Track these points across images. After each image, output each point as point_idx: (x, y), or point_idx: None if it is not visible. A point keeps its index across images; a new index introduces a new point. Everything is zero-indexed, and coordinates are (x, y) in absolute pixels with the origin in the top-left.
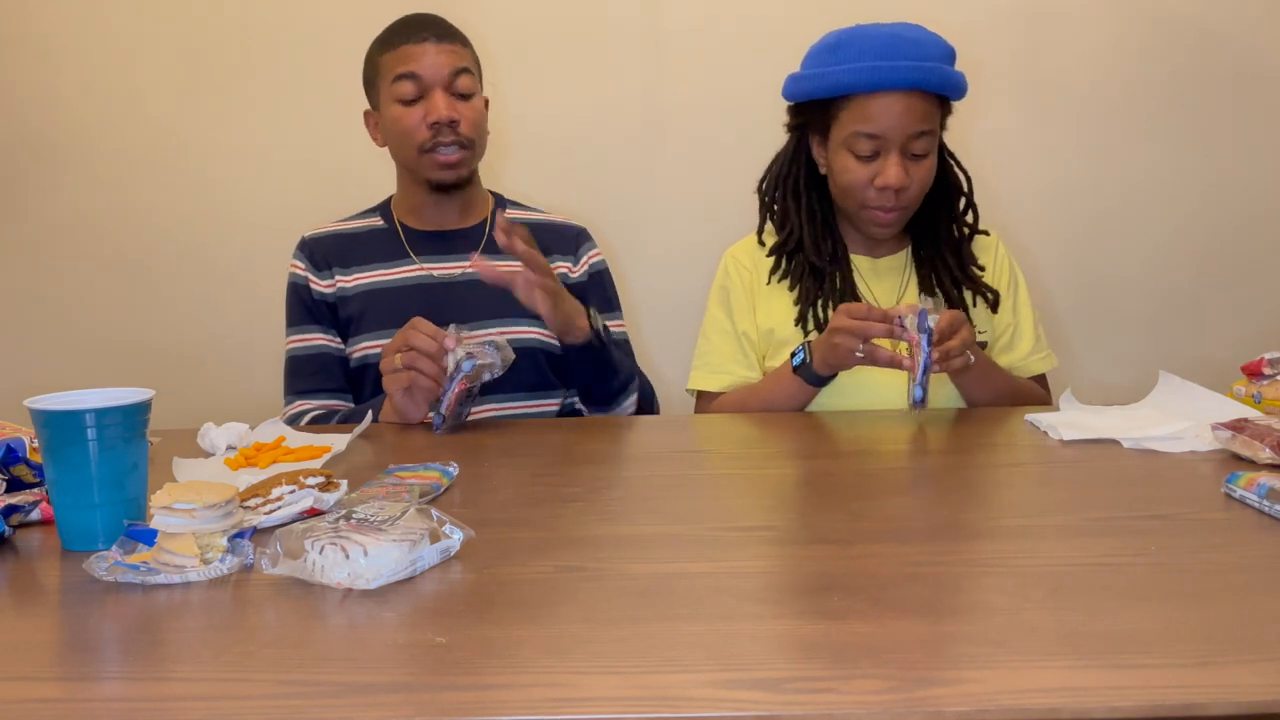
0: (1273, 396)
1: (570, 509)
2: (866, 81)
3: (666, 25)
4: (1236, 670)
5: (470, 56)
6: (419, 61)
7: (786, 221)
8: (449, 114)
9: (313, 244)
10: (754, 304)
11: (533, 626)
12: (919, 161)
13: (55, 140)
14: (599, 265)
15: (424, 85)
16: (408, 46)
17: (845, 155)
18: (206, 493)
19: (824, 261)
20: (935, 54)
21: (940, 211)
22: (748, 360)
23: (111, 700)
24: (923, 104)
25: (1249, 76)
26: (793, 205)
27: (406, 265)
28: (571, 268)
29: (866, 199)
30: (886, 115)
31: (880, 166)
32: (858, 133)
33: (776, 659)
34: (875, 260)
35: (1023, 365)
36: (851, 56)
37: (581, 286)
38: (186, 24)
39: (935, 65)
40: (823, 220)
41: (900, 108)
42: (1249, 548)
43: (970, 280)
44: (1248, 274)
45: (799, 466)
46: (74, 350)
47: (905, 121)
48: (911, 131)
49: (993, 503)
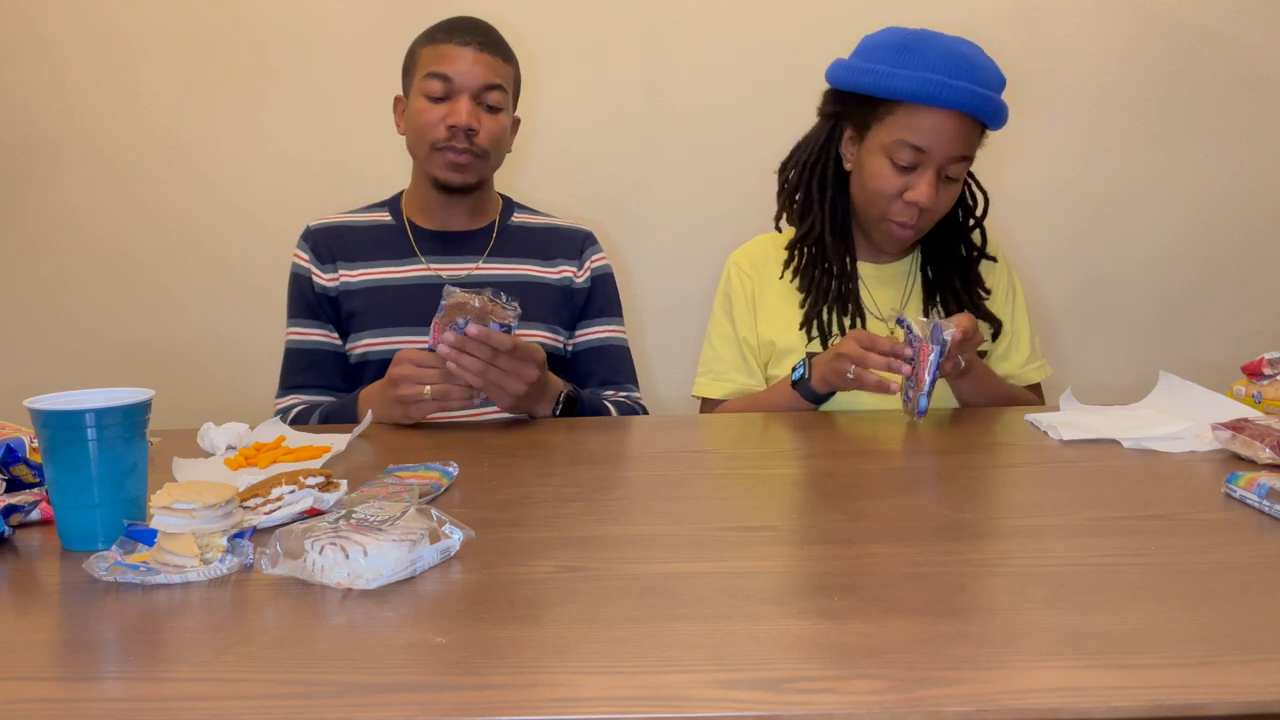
0: (1273, 396)
1: (570, 509)
2: (930, 94)
3: (669, 29)
4: (1236, 670)
5: (509, 74)
6: (453, 64)
7: (808, 214)
8: (469, 121)
9: (317, 234)
10: (755, 312)
11: (533, 626)
12: (949, 185)
13: (56, 140)
14: (602, 270)
15: (453, 88)
16: (449, 46)
17: (882, 160)
18: (206, 493)
19: (838, 259)
20: (994, 82)
21: (953, 231)
22: (749, 368)
23: (111, 700)
24: (971, 129)
25: (1250, 78)
26: (817, 197)
27: (413, 264)
28: (576, 272)
29: (890, 210)
30: (938, 133)
31: (914, 180)
32: (903, 141)
33: (776, 659)
34: (879, 267)
35: (1019, 374)
36: (919, 64)
37: (584, 291)
38: (187, 24)
39: (992, 95)
40: (841, 219)
41: (952, 128)
42: (1249, 548)
43: (975, 306)
44: (1248, 275)
45: (799, 466)
46: (74, 350)
47: (952, 143)
48: (955, 154)
49: (993, 503)
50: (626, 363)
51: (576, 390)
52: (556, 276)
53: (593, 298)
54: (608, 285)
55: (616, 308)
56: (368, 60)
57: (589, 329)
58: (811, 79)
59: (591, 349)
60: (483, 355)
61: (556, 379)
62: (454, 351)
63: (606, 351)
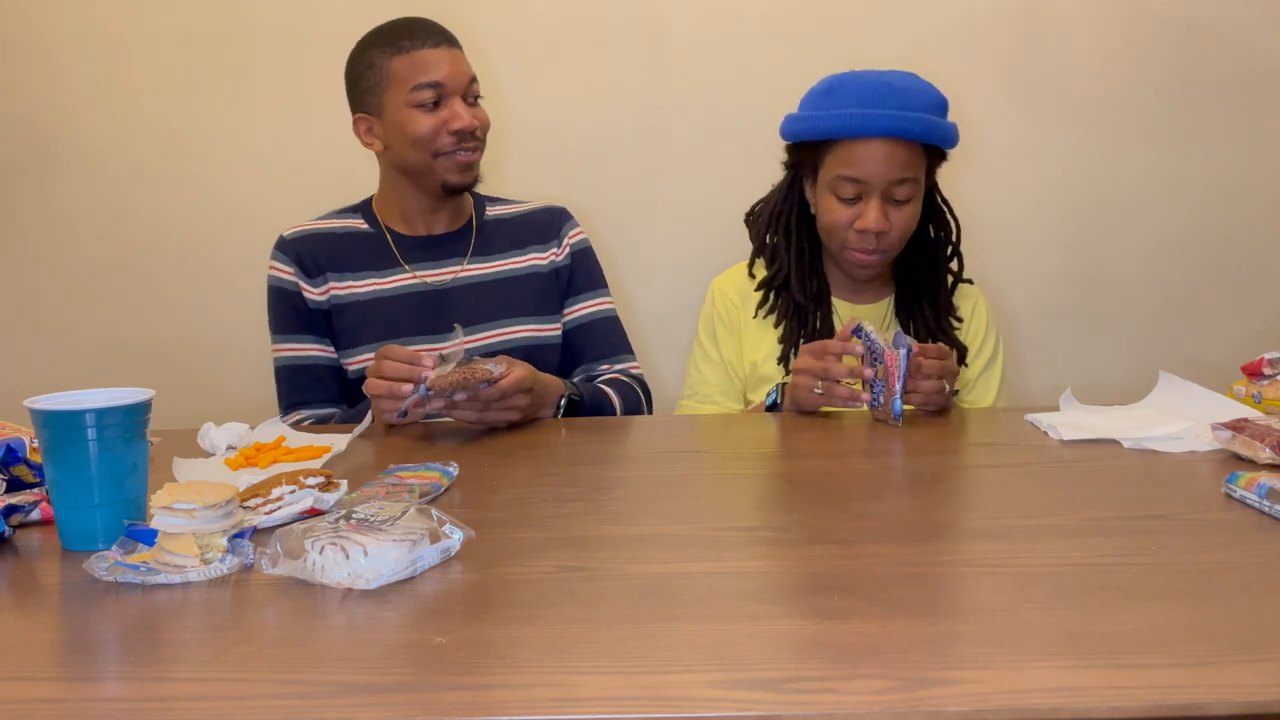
0: (1273, 396)
1: (570, 509)
2: (850, 127)
3: (667, 25)
4: (1236, 670)
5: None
6: (439, 70)
7: (776, 258)
8: (472, 123)
9: (298, 245)
10: (739, 338)
11: (533, 626)
12: (900, 207)
13: (55, 141)
14: (581, 244)
15: (444, 92)
16: (425, 52)
17: (829, 197)
18: (206, 493)
19: (807, 300)
20: (923, 103)
21: (925, 258)
22: (733, 390)
23: (111, 700)
24: (906, 152)
25: (1248, 77)
26: (783, 242)
27: (398, 274)
28: (556, 252)
29: (847, 240)
30: (868, 161)
31: (861, 210)
32: (840, 176)
33: (776, 659)
34: (855, 307)
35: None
36: (839, 102)
37: (566, 269)
38: (185, 25)
39: (920, 115)
40: (810, 259)
41: (882, 154)
42: (1249, 548)
43: (944, 332)
44: (1247, 274)
45: (799, 466)
46: (74, 350)
47: (886, 168)
48: (893, 178)
49: (993, 503)
50: (618, 333)
51: (577, 390)
52: (543, 262)
53: (575, 274)
54: (588, 258)
55: (600, 279)
56: None
57: (576, 306)
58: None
59: (582, 326)
60: (475, 409)
61: (556, 381)
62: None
63: (597, 326)
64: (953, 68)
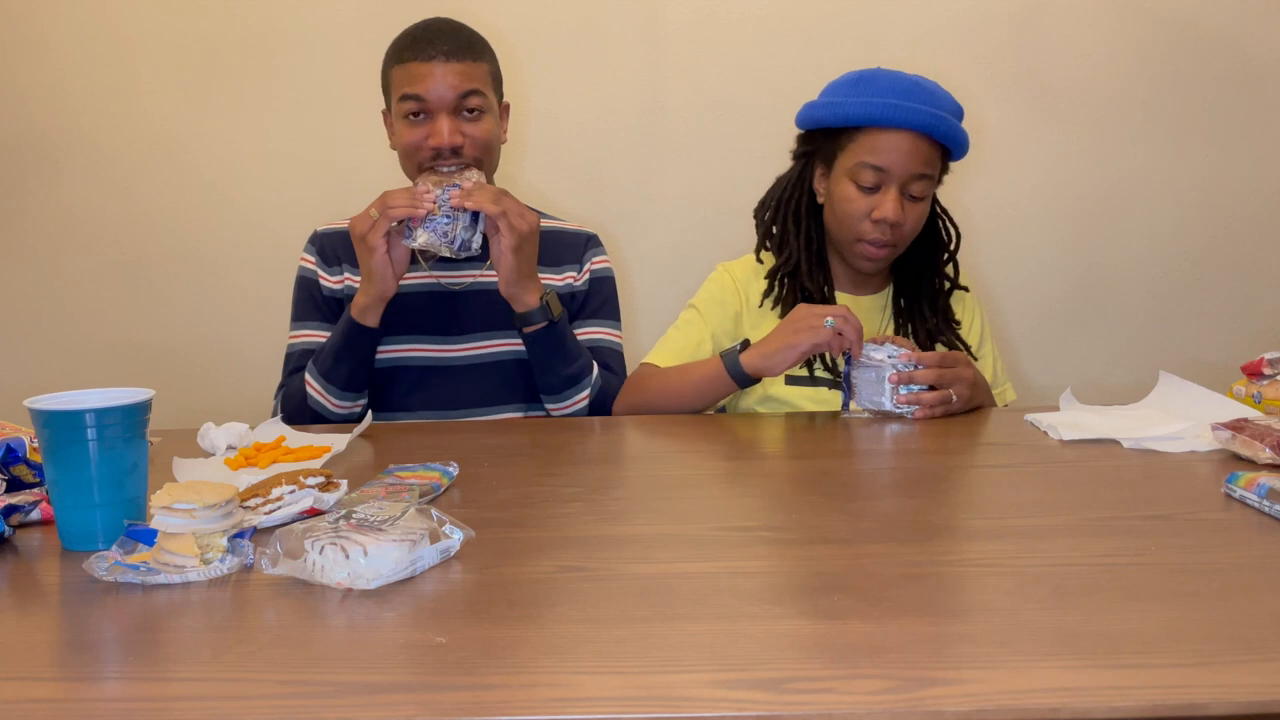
0: (1273, 396)
1: (570, 509)
2: (884, 116)
3: (670, 28)
4: (1236, 670)
5: (484, 71)
6: (424, 83)
7: (785, 246)
8: (450, 141)
9: (324, 238)
10: (737, 322)
11: (533, 626)
12: (915, 203)
13: (56, 140)
14: (602, 272)
15: (428, 107)
16: (416, 65)
17: (848, 184)
18: (206, 493)
19: (816, 288)
20: (948, 107)
21: (926, 262)
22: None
23: (111, 700)
24: (929, 149)
25: (1247, 75)
26: (792, 229)
27: (415, 272)
28: (576, 275)
29: (862, 231)
30: (894, 151)
31: (879, 200)
32: (864, 163)
33: (776, 659)
34: (858, 298)
35: None
36: (874, 92)
37: (582, 294)
38: (187, 25)
39: (947, 116)
40: (817, 249)
41: (909, 146)
42: (1249, 548)
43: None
44: (1247, 274)
45: (799, 466)
46: (74, 350)
47: (911, 161)
48: (915, 171)
49: (993, 503)
50: (618, 362)
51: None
52: (560, 283)
53: (589, 299)
54: (605, 287)
55: (612, 311)
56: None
57: (581, 329)
58: (812, 79)
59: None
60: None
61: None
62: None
63: (598, 352)
64: (951, 67)
